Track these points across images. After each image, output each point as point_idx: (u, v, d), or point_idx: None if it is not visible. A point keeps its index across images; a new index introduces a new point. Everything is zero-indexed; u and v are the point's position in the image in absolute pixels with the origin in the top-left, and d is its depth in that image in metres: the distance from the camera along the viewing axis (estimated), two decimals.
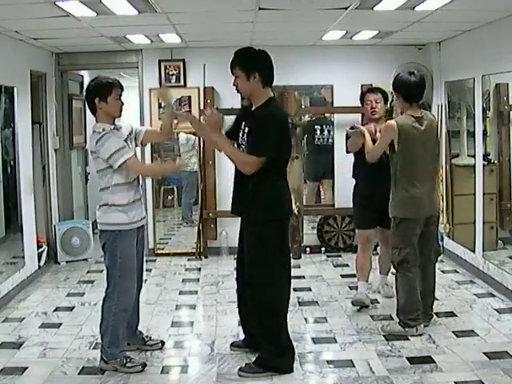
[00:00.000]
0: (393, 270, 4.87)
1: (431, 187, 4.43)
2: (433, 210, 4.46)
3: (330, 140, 7.22)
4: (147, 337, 4.30)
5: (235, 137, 3.87)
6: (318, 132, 7.33)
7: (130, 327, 4.13)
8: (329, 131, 7.31)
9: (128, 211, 3.86)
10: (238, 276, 4.02)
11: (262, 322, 3.84)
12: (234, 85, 3.79)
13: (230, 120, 7.05)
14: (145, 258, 6.98)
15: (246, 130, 3.76)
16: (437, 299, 5.20)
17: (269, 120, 3.64)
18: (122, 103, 3.93)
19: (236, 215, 3.96)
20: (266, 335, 3.84)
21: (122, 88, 3.93)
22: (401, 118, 4.35)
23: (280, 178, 3.79)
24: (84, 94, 4.02)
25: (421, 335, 4.37)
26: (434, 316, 4.75)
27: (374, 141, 4.62)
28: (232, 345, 4.23)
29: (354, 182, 5.24)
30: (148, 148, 7.00)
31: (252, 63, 3.70)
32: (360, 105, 5.18)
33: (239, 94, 3.90)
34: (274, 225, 3.74)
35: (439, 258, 6.57)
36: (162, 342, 4.30)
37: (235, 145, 3.87)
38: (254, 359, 3.89)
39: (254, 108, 3.79)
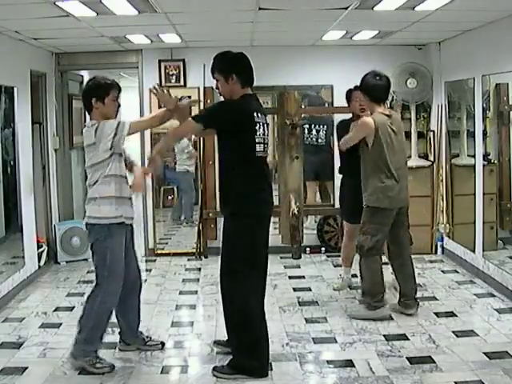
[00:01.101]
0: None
1: (404, 181, 4.71)
2: (405, 201, 4.76)
3: (320, 140, 7.21)
4: (147, 337, 4.29)
5: None
6: (306, 132, 7.27)
7: (131, 328, 4.15)
8: (317, 131, 7.26)
9: (117, 205, 3.84)
10: None
11: (229, 322, 3.86)
12: (216, 88, 3.87)
13: None
14: (142, 258, 7.03)
15: None
16: (437, 299, 5.22)
17: (222, 103, 3.81)
18: (119, 105, 3.94)
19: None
20: (233, 335, 3.86)
21: (119, 89, 3.93)
22: (376, 116, 4.64)
23: (252, 173, 3.77)
24: (81, 92, 4.02)
25: (389, 317, 4.64)
26: (434, 316, 4.77)
27: None
28: (215, 342, 4.25)
29: None
30: (147, 148, 7.00)
31: (229, 65, 3.77)
32: (346, 103, 5.40)
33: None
34: (245, 220, 3.73)
35: (439, 258, 6.64)
36: (162, 343, 4.29)
37: None
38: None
39: None
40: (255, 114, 3.73)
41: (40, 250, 6.35)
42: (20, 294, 5.60)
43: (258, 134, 3.73)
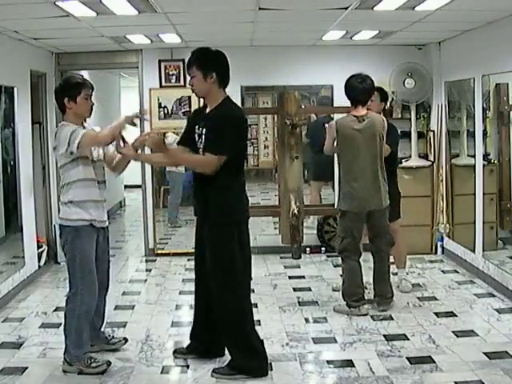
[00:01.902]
0: (408, 262, 5.57)
1: (373, 184, 4.69)
2: (374, 205, 4.73)
3: None
4: (109, 336, 4.29)
5: (190, 142, 3.80)
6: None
7: (94, 328, 4.11)
8: None
9: (89, 209, 3.84)
10: (197, 282, 4.01)
11: (227, 325, 3.80)
12: (190, 84, 3.77)
13: None
14: (142, 258, 7.03)
15: (204, 131, 3.69)
16: (437, 299, 5.22)
17: (226, 119, 3.61)
18: (92, 103, 3.94)
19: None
20: (231, 338, 3.82)
21: (92, 88, 3.93)
22: (341, 118, 4.88)
23: (236, 180, 3.73)
24: (53, 94, 4.01)
25: (365, 315, 4.76)
26: (434, 316, 4.77)
27: None
28: (175, 352, 4.15)
29: None
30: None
31: (209, 63, 3.64)
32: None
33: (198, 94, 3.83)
34: (231, 227, 3.69)
35: (439, 258, 6.63)
36: (125, 339, 4.29)
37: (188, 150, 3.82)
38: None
39: (209, 109, 3.75)
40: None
41: (40, 250, 6.34)
42: (20, 294, 5.60)
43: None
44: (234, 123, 3.63)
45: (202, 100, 6.77)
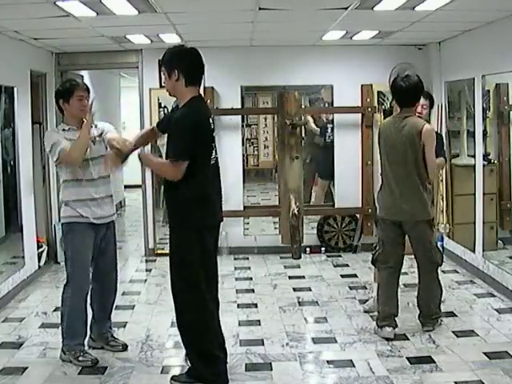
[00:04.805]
0: (409, 262, 5.10)
1: (405, 192, 4.29)
2: (405, 215, 4.32)
3: None
4: (112, 337, 4.30)
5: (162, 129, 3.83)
6: (329, 130, 7.32)
7: (98, 325, 4.23)
8: None
9: (80, 207, 3.96)
10: None
11: (181, 330, 3.71)
12: (163, 82, 3.73)
13: (229, 120, 7.07)
14: (142, 258, 7.02)
15: (167, 136, 3.65)
16: None
17: (181, 123, 3.50)
18: (86, 104, 4.01)
19: None
20: (186, 343, 3.73)
21: (87, 89, 4.05)
22: (386, 120, 4.66)
23: (197, 182, 3.52)
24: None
25: (386, 339, 4.31)
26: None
27: None
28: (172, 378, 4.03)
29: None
30: (147, 148, 7.00)
31: (172, 61, 3.53)
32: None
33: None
34: (189, 233, 3.55)
35: None
36: (126, 346, 4.27)
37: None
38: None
39: (180, 107, 3.65)
40: (210, 120, 3.60)
41: (40, 250, 6.35)
42: (20, 294, 5.60)
43: (214, 141, 3.64)
44: (188, 126, 3.47)
45: None
